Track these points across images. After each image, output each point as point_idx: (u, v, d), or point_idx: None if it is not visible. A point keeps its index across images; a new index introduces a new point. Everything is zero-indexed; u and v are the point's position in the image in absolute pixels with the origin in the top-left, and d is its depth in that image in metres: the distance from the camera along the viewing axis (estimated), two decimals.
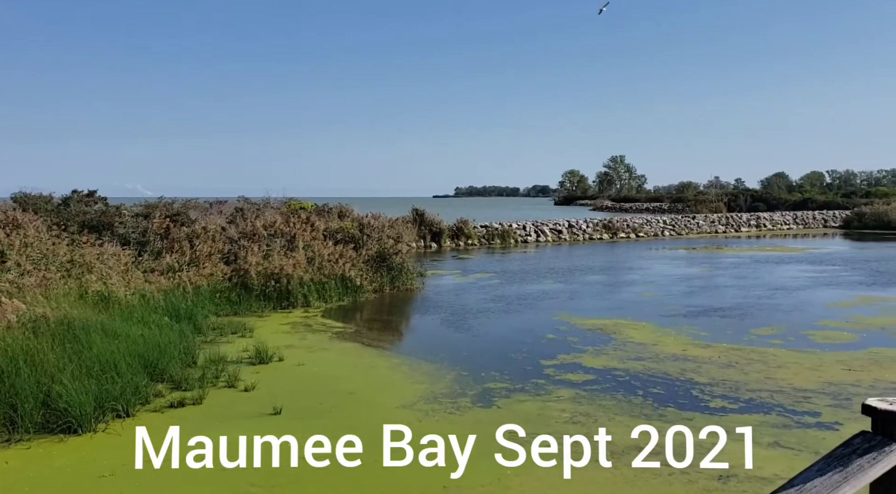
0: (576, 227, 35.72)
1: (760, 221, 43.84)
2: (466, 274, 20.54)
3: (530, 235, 33.50)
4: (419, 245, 29.35)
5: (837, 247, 30.37)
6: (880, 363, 9.32)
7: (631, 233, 37.35)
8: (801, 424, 6.92)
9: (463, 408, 7.54)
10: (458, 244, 30.71)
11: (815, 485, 1.58)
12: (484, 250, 29.44)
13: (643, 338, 11.13)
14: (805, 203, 56.03)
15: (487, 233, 32.22)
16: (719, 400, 7.79)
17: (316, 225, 17.12)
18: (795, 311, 13.57)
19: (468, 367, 9.29)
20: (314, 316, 13.46)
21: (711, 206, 56.95)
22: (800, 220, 45.50)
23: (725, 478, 5.55)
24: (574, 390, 8.21)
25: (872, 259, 24.16)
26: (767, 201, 58.90)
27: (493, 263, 24.15)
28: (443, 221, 30.84)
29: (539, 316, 13.47)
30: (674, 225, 40.12)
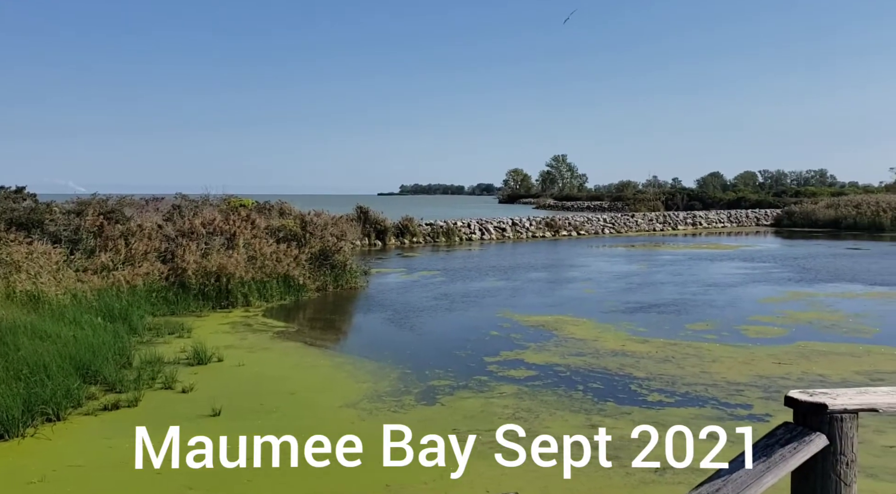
0: (519, 225, 36.10)
1: (696, 219, 45.15)
2: (411, 272, 20.53)
3: (475, 233, 33.70)
4: (363, 243, 29.18)
5: (769, 245, 31.53)
6: (808, 356, 9.72)
7: (572, 230, 37.96)
8: (734, 416, 7.16)
9: (407, 406, 7.54)
10: (403, 242, 30.66)
11: (740, 475, 1.64)
12: (429, 248, 29.47)
13: (584, 334, 11.33)
14: (739, 202, 57.90)
15: (432, 230, 32.26)
16: (656, 393, 7.99)
17: (256, 222, 16.83)
18: (729, 307, 14.03)
19: (412, 365, 9.29)
20: (255, 315, 13.24)
21: (650, 205, 58.31)
22: (734, 219, 47.02)
23: (662, 471, 5.70)
24: (517, 386, 8.30)
25: (801, 256, 25.18)
26: (703, 200, 60.66)
27: (437, 261, 24.20)
28: (387, 219, 30.73)
29: (483, 313, 13.56)
30: (614, 223, 40.96)
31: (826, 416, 1.80)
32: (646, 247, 30.75)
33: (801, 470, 1.79)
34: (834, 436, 1.80)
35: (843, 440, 1.81)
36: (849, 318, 12.58)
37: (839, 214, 42.60)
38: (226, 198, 22.72)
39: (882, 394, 1.89)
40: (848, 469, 1.81)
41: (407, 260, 24.25)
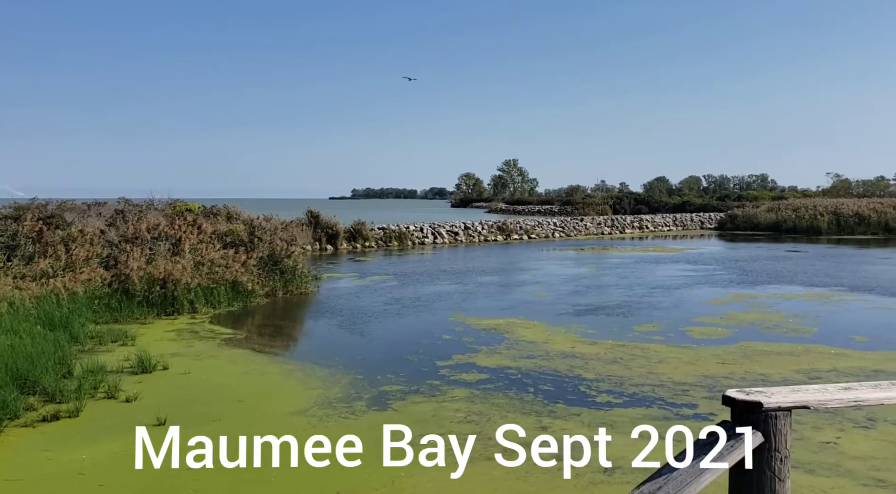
0: (472, 229, 36.26)
1: (643, 223, 46.09)
2: (363, 276, 20.41)
3: (427, 237, 33.71)
4: (314, 247, 28.88)
5: (712, 248, 32.39)
6: (750, 356, 10.01)
7: (524, 234, 38.32)
8: (680, 416, 7.32)
9: (358, 412, 7.48)
10: (355, 246, 30.47)
11: (680, 474, 1.69)
12: (381, 252, 29.36)
13: (535, 337, 11.44)
14: (684, 206, 59.35)
15: (385, 234, 32.15)
16: (605, 394, 8.12)
17: (203, 227, 16.50)
18: (674, 309, 14.35)
19: (363, 371, 9.23)
20: (201, 322, 12.96)
21: (598, 209, 59.32)
22: (679, 222, 48.17)
23: (611, 471, 5.79)
24: (469, 389, 8.32)
25: (743, 258, 25.94)
26: (649, 204, 62.00)
27: (390, 265, 24.13)
28: (339, 223, 30.49)
29: (435, 317, 13.57)
30: (563, 226, 41.51)
31: (761, 414, 1.86)
32: (594, 250, 31.24)
33: (738, 467, 1.85)
34: (769, 433, 1.86)
35: (777, 436, 1.87)
36: (788, 319, 13.01)
37: (779, 218, 44.03)
38: (171, 202, 22.20)
39: (813, 392, 1.97)
40: (782, 464, 1.88)
41: (359, 265, 24.11)
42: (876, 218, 41.70)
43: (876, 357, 9.90)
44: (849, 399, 1.96)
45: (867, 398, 1.99)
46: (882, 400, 2.02)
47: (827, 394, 1.95)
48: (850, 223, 41.68)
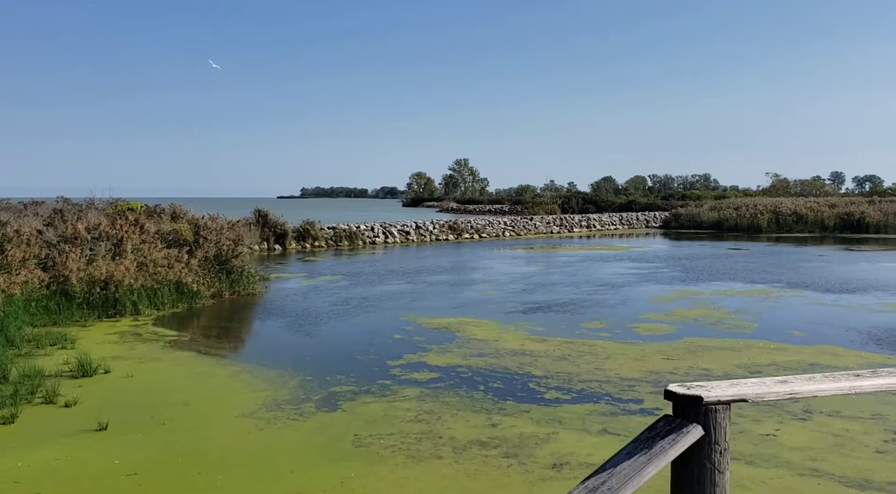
0: (423, 228, 36.25)
1: (591, 222, 46.84)
2: (313, 276, 20.19)
3: (378, 236, 33.56)
4: (262, 247, 28.45)
5: (657, 246, 33.13)
6: (694, 352, 10.26)
7: (475, 233, 38.51)
8: (626, 411, 7.46)
9: (307, 414, 7.39)
10: (305, 246, 30.12)
11: (623, 468, 1.71)
12: (331, 252, 29.10)
13: (485, 335, 11.50)
14: (630, 205, 60.53)
15: (335, 234, 31.87)
16: (554, 391, 8.21)
17: (146, 227, 16.06)
18: (621, 306, 14.62)
19: (313, 372, 9.13)
20: (145, 324, 12.63)
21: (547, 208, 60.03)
22: (625, 221, 49.12)
23: (559, 466, 5.85)
24: (419, 388, 8.31)
25: (687, 256, 26.60)
26: (597, 203, 63.04)
27: (340, 265, 23.93)
28: (287, 223, 30.09)
29: (386, 316, 13.51)
30: (514, 226, 41.86)
31: (702, 408, 1.90)
32: (544, 248, 31.60)
33: (680, 460, 1.89)
34: (709, 427, 1.90)
35: (717, 430, 1.91)
36: (730, 315, 13.39)
37: (721, 216, 45.31)
38: (113, 201, 21.57)
39: (751, 385, 2.02)
40: (722, 457, 1.92)
41: (308, 265, 23.84)
42: (813, 216, 43.29)
43: (812, 351, 10.26)
44: (785, 391, 2.02)
45: (802, 390, 2.06)
46: (815, 392, 2.10)
47: (764, 388, 2.01)
48: (789, 221, 43.16)
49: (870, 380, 2.17)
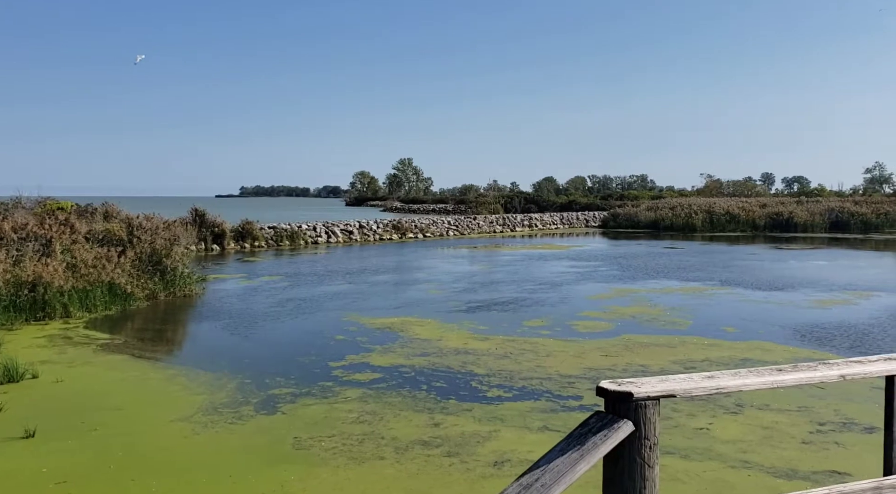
0: (366, 228, 36.03)
1: (532, 221, 47.42)
2: (252, 277, 19.82)
3: (321, 236, 33.18)
4: (199, 248, 27.77)
5: (596, 245, 33.78)
6: (631, 348, 10.50)
7: (419, 233, 38.50)
8: (566, 408, 7.57)
9: (245, 417, 7.25)
10: (244, 246, 29.55)
11: (556, 464, 1.73)
12: (272, 252, 28.63)
13: (428, 334, 11.51)
14: (570, 205, 61.51)
15: (275, 234, 31.36)
16: (496, 389, 8.27)
17: (76, 227, 15.48)
18: (561, 304, 14.85)
19: (251, 374, 8.95)
20: (75, 327, 12.17)
21: (490, 208, 60.44)
22: (566, 221, 49.89)
23: (500, 464, 5.90)
24: (362, 389, 8.26)
25: (624, 255, 27.20)
26: (538, 203, 63.83)
27: (281, 265, 23.57)
28: (226, 222, 29.45)
29: (328, 317, 13.37)
30: (457, 225, 42.03)
31: (632, 404, 1.95)
32: (487, 248, 31.82)
33: (611, 456, 1.92)
34: (639, 422, 1.95)
35: (646, 425, 1.96)
36: (666, 312, 13.75)
37: (658, 216, 46.49)
38: (41, 200, 20.72)
39: (679, 381, 2.08)
40: (651, 451, 1.97)
41: (248, 265, 23.40)
42: (744, 216, 44.84)
43: (744, 346, 10.63)
44: (711, 386, 2.09)
45: (727, 385, 2.13)
46: (740, 387, 2.17)
47: (692, 383, 2.07)
48: (722, 221, 44.61)
49: (791, 374, 2.26)
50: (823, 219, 44.09)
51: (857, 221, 43.93)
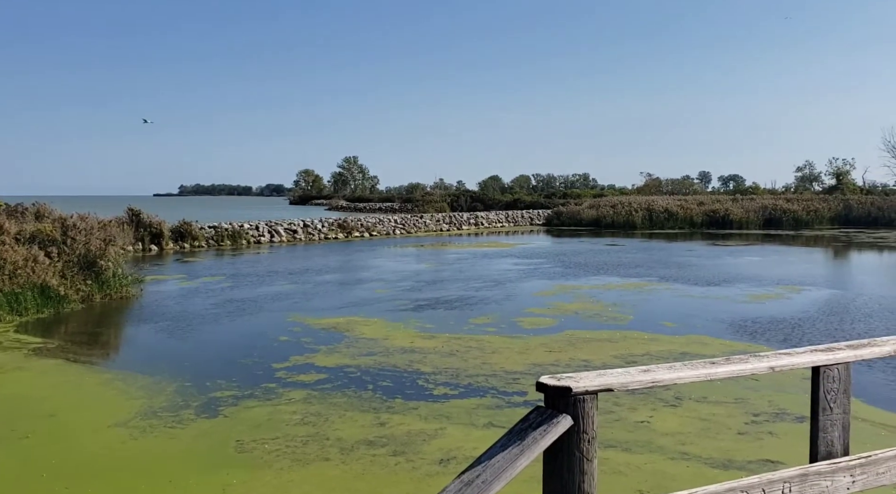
0: (311, 227, 35.61)
1: (478, 220, 47.69)
2: (192, 278, 19.36)
3: (263, 236, 32.63)
4: (137, 248, 26.98)
5: (541, 243, 34.21)
6: (574, 344, 10.67)
7: (365, 232, 38.27)
8: (511, 404, 7.64)
9: (185, 421, 7.08)
10: (183, 246, 28.83)
11: (497, 460, 1.74)
12: (213, 252, 28.02)
13: (374, 334, 11.45)
14: (515, 203, 62.15)
15: (216, 234, 30.70)
16: (442, 387, 8.29)
17: (5, 227, 14.83)
18: (507, 301, 14.98)
19: (192, 377, 8.74)
20: (5, 331, 11.66)
21: (437, 206, 60.54)
22: (511, 219, 50.36)
23: (446, 461, 5.91)
24: (306, 391, 8.16)
25: (568, 252, 27.63)
26: (484, 201, 64.28)
27: (222, 266, 23.10)
28: (164, 222, 28.67)
29: (271, 318, 13.17)
30: (404, 224, 41.95)
31: (571, 398, 1.97)
32: (434, 246, 31.87)
33: (551, 450, 1.95)
34: (577, 416, 1.98)
35: (585, 419, 1.99)
36: (608, 308, 14.02)
37: (599, 214, 47.35)
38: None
39: (616, 375, 2.12)
40: (589, 445, 2.00)
41: (187, 266, 22.85)
42: (682, 214, 46.07)
43: (682, 341, 10.92)
44: (647, 380, 2.13)
45: (663, 378, 2.18)
46: (675, 380, 2.22)
47: (629, 377, 2.11)
48: (661, 218, 45.72)
49: (724, 367, 2.33)
50: (757, 217, 45.67)
51: (789, 218, 45.66)
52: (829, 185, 60.39)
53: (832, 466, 2.56)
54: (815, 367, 2.58)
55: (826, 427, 2.61)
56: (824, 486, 2.51)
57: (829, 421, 2.62)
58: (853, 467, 2.60)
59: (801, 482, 2.46)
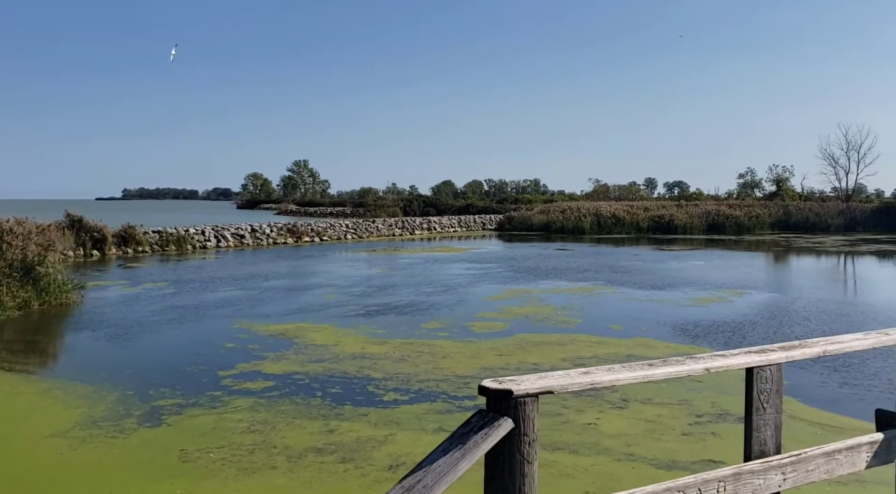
0: (259, 232, 35.08)
1: (431, 224, 47.74)
2: (135, 284, 18.85)
3: (210, 241, 32.00)
4: (77, 253, 26.15)
5: (492, 247, 34.44)
6: (524, 347, 10.77)
7: (315, 236, 37.88)
8: (461, 408, 7.67)
9: (127, 431, 6.89)
10: (127, 252, 28.06)
11: (439, 465, 1.75)
12: (157, 258, 27.35)
13: (324, 340, 11.34)
14: (468, 208, 62.44)
15: (161, 239, 29.97)
16: (392, 392, 8.27)
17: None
18: (458, 305, 15.03)
19: (134, 386, 8.51)
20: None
21: (389, 211, 60.38)
22: (463, 223, 50.56)
23: (395, 467, 5.90)
24: (253, 398, 8.03)
25: (519, 257, 27.88)
26: (437, 206, 64.42)
27: (167, 271, 22.56)
28: (107, 227, 27.86)
29: (217, 324, 12.92)
30: (356, 228, 41.69)
31: (512, 401, 2.00)
32: (386, 251, 31.76)
33: (492, 453, 1.97)
34: (519, 419, 2.00)
35: (526, 421, 2.02)
36: (557, 311, 14.20)
37: (550, 219, 47.94)
38: None
39: (557, 377, 2.15)
40: (530, 447, 2.03)
41: (131, 272, 22.25)
42: (629, 219, 47.01)
43: (629, 343, 11.14)
44: (587, 382, 2.17)
45: (601, 380, 2.22)
46: (613, 381, 2.27)
47: (569, 379, 2.15)
48: (609, 224, 46.55)
49: (661, 369, 2.39)
50: (701, 222, 46.90)
51: (732, 223, 47.04)
52: (770, 192, 62.38)
53: (764, 465, 2.64)
54: (749, 368, 2.67)
55: (759, 427, 2.70)
56: (757, 484, 2.60)
57: (762, 421, 2.70)
58: (784, 465, 2.69)
59: (735, 481, 2.54)
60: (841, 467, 2.89)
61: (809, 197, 59.19)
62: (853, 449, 2.92)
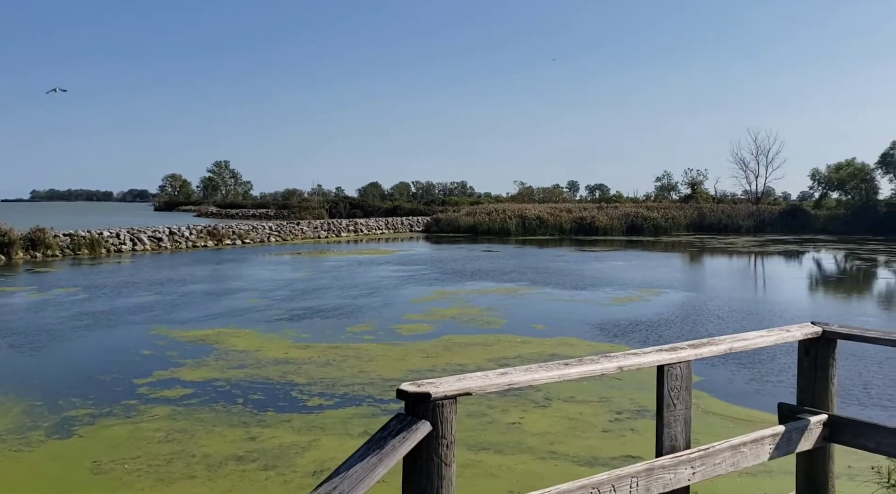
0: (178, 234, 33.96)
1: (358, 226, 47.37)
2: (44, 289, 17.93)
3: (125, 244, 30.76)
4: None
5: (420, 249, 34.48)
6: (451, 349, 10.83)
7: (237, 239, 36.98)
8: (387, 411, 7.64)
9: (35, 443, 6.54)
10: (36, 256, 26.66)
11: (355, 470, 1.74)
12: (69, 262, 26.09)
13: (246, 346, 11.09)
14: (395, 210, 62.28)
15: (73, 242, 28.60)
16: (317, 397, 8.16)
17: None
18: (385, 308, 14.98)
19: (42, 396, 8.10)
20: None
21: (315, 213, 59.54)
22: (391, 225, 50.39)
23: (319, 473, 5.82)
24: (170, 406, 7.77)
25: (446, 259, 28.02)
26: (364, 208, 63.98)
27: (78, 276, 21.55)
28: (13, 229, 26.40)
29: (133, 331, 12.43)
30: (279, 231, 40.93)
31: (430, 404, 2.01)
32: (311, 254, 31.31)
33: (410, 457, 1.97)
34: (436, 421, 2.01)
35: (443, 424, 2.03)
36: (483, 312, 14.35)
37: (476, 221, 48.41)
38: None
39: (476, 379, 2.17)
40: (448, 450, 2.04)
41: (39, 277, 21.15)
42: (553, 221, 47.98)
43: (552, 342, 11.37)
44: (504, 382, 2.20)
45: (519, 380, 2.26)
46: (530, 381, 2.31)
47: (487, 380, 2.17)
48: (533, 225, 47.38)
49: (576, 368, 2.45)
50: (621, 224, 48.33)
51: (650, 225, 48.67)
52: (685, 194, 64.77)
53: (674, 459, 2.75)
54: (660, 366, 2.76)
55: (670, 423, 2.80)
56: (668, 479, 2.69)
57: (672, 417, 2.81)
58: (693, 459, 2.80)
59: (647, 476, 2.62)
60: (746, 459, 3.02)
61: (722, 199, 61.87)
62: (757, 442, 3.06)
